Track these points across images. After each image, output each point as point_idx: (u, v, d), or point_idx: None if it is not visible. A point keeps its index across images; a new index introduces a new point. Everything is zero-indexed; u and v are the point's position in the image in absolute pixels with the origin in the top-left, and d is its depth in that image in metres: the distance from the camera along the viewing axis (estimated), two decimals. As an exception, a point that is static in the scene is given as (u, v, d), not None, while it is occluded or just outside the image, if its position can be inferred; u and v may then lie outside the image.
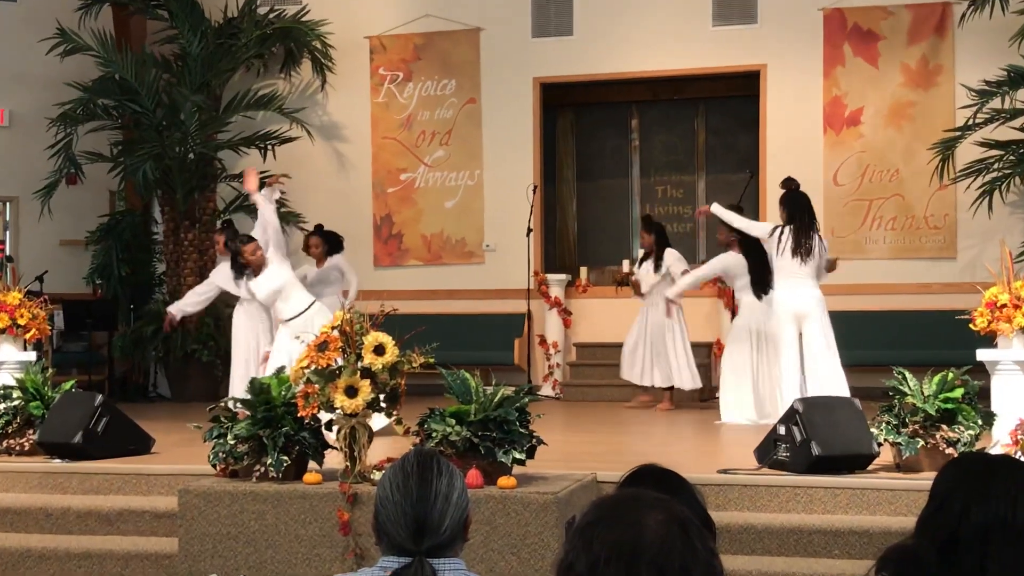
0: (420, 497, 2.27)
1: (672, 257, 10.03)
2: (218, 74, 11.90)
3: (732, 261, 9.21)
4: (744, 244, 9.12)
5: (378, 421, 7.60)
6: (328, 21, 12.24)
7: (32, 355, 7.57)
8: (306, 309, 7.85)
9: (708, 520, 2.41)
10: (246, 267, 7.94)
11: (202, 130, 11.75)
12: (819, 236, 8.26)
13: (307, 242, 10.39)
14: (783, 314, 8.16)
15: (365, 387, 5.33)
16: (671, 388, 10.08)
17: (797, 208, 8.22)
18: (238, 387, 8.15)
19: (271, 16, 12.28)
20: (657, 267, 10.04)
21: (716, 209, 8.73)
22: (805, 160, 11.32)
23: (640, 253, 10.52)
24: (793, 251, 8.10)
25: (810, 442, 5.85)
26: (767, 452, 6.14)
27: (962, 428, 5.88)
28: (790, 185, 8.35)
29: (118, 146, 12.02)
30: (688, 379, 9.99)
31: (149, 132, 11.67)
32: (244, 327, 9.00)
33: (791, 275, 8.12)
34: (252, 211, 12.02)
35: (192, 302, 9.48)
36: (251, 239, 7.95)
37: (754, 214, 11.65)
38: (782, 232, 8.17)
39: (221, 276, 9.17)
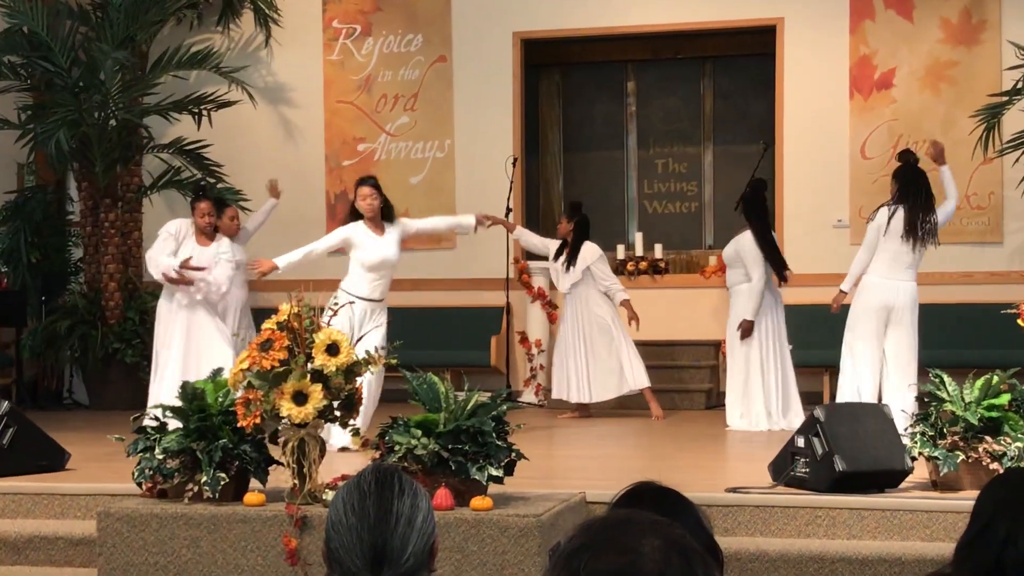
0: (378, 520, 2.27)
1: (590, 253, 10.14)
2: (144, 27, 11.83)
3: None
4: (759, 225, 9.41)
5: (339, 438, 7.62)
6: (273, -35, 12.22)
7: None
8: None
9: (714, 547, 2.42)
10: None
11: (125, 93, 11.68)
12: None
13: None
14: (874, 305, 8.22)
15: (316, 393, 5.32)
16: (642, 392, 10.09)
17: (913, 185, 8.29)
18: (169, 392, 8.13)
19: (206, -41, 12.25)
20: (571, 263, 10.12)
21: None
22: (828, 129, 11.34)
23: (630, 247, 10.59)
24: (905, 233, 8.20)
25: (833, 456, 5.87)
26: (783, 468, 6.16)
27: (1008, 440, 5.91)
28: (908, 158, 8.47)
29: (27, 111, 11.94)
30: (643, 374, 10.01)
31: (63, 95, 11.59)
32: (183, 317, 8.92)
33: (895, 260, 8.23)
34: (184, 187, 12.01)
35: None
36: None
37: (769, 191, 11.68)
38: (893, 211, 8.29)
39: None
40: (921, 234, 8.21)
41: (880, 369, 8.18)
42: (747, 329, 9.33)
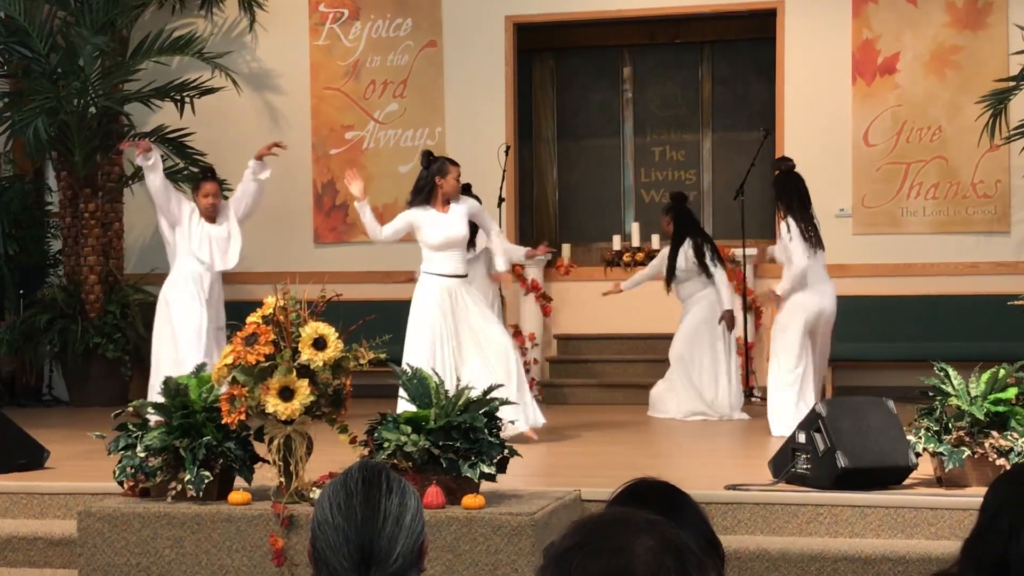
0: (365, 520, 2.27)
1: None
2: (125, 11, 11.81)
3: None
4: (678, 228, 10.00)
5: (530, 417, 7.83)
6: (258, -53, 12.19)
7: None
8: None
9: (715, 544, 2.42)
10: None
11: (105, 79, 11.66)
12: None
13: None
14: (811, 315, 8.53)
15: (303, 388, 5.31)
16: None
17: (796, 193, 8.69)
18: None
19: (189, -59, 12.22)
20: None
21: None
22: (830, 116, 11.35)
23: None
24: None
25: (835, 452, 5.87)
26: (784, 464, 6.16)
27: (1016, 435, 5.92)
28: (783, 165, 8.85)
29: (3, 99, 11.91)
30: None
31: (41, 82, 11.56)
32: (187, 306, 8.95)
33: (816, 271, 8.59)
34: (167, 176, 11.96)
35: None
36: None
37: (769, 179, 11.68)
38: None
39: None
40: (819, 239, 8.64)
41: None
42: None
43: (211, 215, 9.12)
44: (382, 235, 8.40)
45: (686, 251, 9.95)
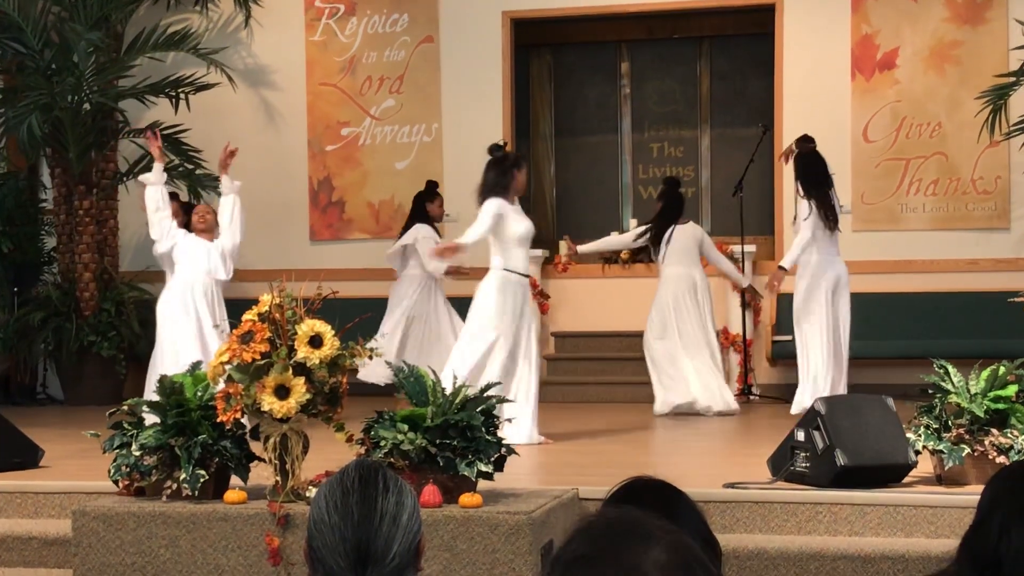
0: (362, 518, 2.27)
1: (421, 230, 10.49)
2: (119, 6, 11.80)
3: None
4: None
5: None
6: (253, -58, 12.18)
7: None
8: None
9: (712, 543, 2.42)
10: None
11: (100, 75, 11.65)
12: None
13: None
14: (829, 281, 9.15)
15: (299, 386, 5.31)
16: None
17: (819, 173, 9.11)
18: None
19: (183, -64, 12.21)
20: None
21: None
22: (829, 111, 11.35)
23: None
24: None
25: (834, 450, 5.88)
26: (783, 462, 6.16)
27: (1016, 433, 5.92)
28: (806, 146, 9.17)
29: (-3, 94, 11.92)
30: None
31: (35, 77, 11.56)
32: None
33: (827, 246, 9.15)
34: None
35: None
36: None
37: (768, 175, 11.70)
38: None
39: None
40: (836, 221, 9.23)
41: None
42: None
43: (206, 229, 9.05)
44: (476, 235, 8.04)
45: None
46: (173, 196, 9.45)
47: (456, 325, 10.04)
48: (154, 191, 8.88)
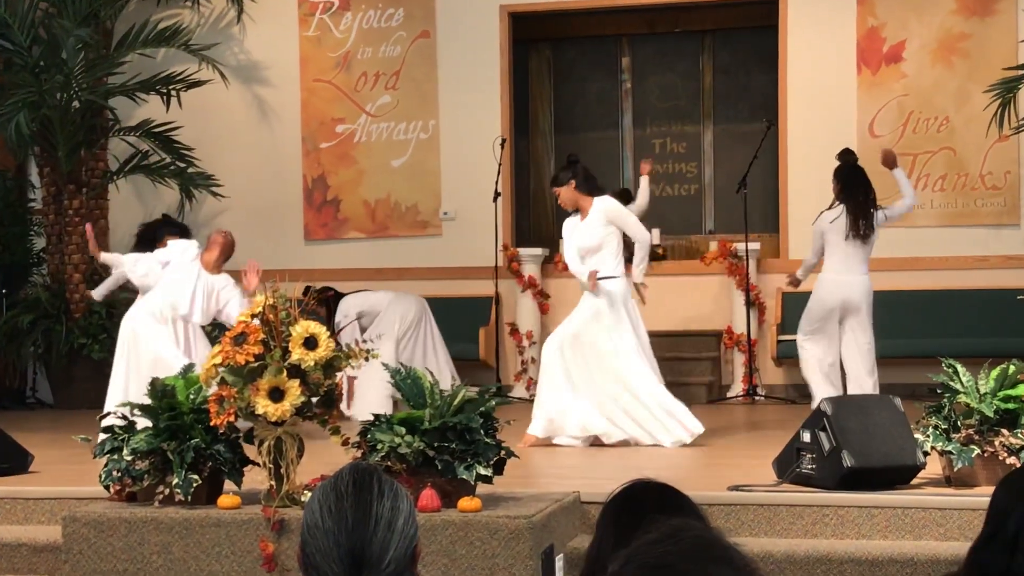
0: (356, 523, 2.26)
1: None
2: (108, 2, 11.80)
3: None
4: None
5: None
6: (245, -65, 12.18)
7: None
8: None
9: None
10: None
11: (89, 72, 11.65)
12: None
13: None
14: (829, 302, 8.81)
15: (293, 389, 5.31)
16: None
17: (852, 185, 8.84)
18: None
19: (174, -71, 12.21)
20: None
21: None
22: (834, 106, 11.34)
23: None
24: (850, 233, 8.79)
25: (841, 451, 5.87)
26: (788, 464, 6.16)
27: (1026, 433, 5.92)
28: (847, 158, 8.99)
29: (-16, 92, 11.91)
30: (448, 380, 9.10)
31: (23, 75, 11.55)
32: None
33: (848, 257, 8.81)
34: (153, 172, 11.99)
35: None
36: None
37: (772, 171, 11.70)
38: (839, 212, 8.84)
39: None
40: (863, 231, 8.80)
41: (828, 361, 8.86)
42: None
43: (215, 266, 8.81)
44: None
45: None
46: (174, 232, 9.40)
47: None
48: (120, 273, 8.96)
